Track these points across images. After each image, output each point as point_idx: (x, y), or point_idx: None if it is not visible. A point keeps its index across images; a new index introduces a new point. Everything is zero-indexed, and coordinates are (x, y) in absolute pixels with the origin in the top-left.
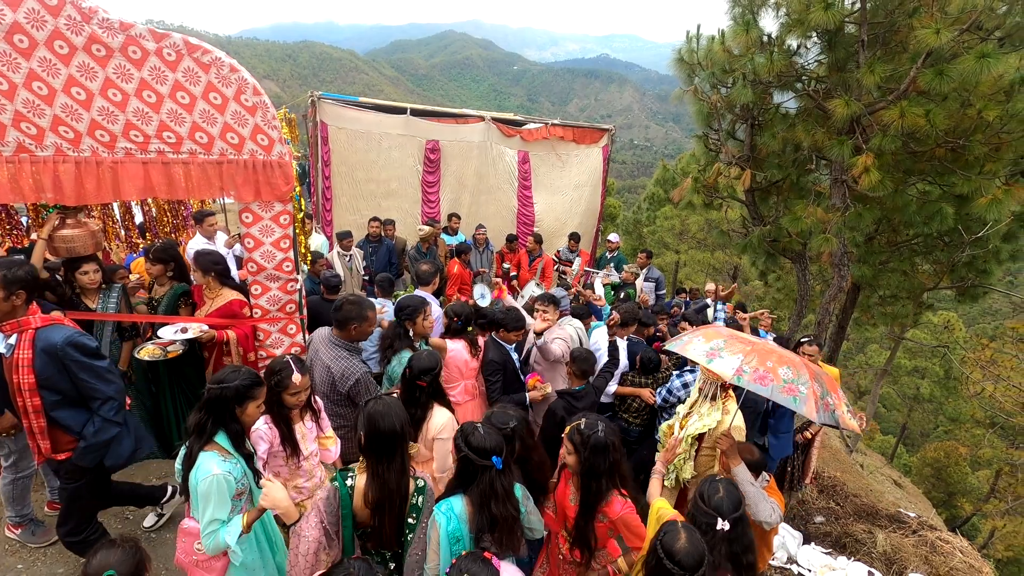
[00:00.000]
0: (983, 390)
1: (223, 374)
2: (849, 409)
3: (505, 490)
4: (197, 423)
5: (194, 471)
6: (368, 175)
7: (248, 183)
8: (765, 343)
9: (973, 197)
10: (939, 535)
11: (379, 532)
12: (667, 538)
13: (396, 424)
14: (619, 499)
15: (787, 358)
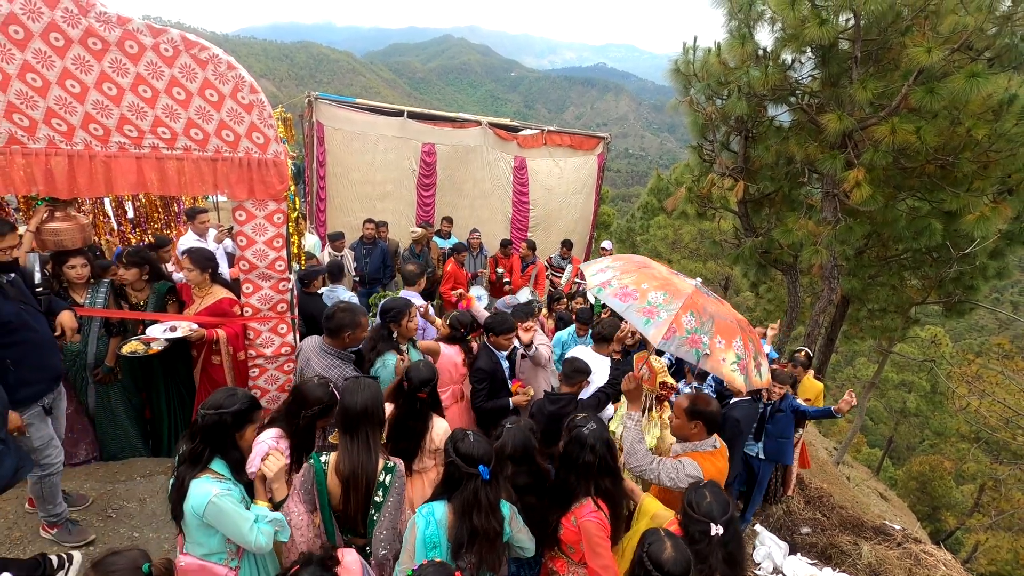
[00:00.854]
0: (968, 405)
1: (218, 398)
2: (754, 364)
3: (490, 502)
4: (192, 451)
5: (187, 502)
6: (363, 176)
7: (242, 181)
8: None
9: (961, 214)
10: (923, 548)
11: (345, 512)
12: (653, 548)
13: (365, 403)
14: (591, 506)
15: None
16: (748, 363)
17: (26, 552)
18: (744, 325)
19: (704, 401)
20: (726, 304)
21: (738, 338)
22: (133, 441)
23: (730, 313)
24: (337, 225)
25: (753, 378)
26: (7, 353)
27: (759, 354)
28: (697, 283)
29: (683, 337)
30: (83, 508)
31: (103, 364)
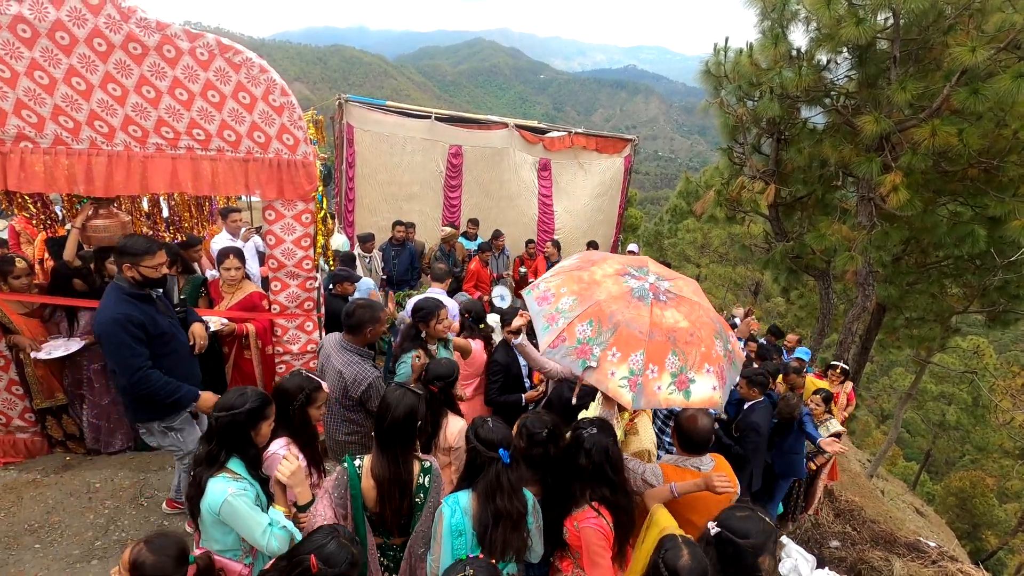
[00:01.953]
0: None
1: (229, 399)
2: (672, 384)
3: (511, 485)
4: (208, 453)
5: (204, 500)
6: (391, 178)
7: (272, 181)
8: (690, 315)
9: (1006, 220)
10: (960, 567)
11: (383, 516)
12: (669, 555)
13: (404, 412)
14: (591, 513)
15: (706, 322)
16: (649, 380)
17: (64, 536)
18: (676, 335)
19: (686, 417)
20: (697, 306)
21: (639, 352)
22: None
23: (663, 322)
24: (365, 225)
25: (657, 396)
26: (162, 362)
27: (692, 368)
28: (643, 285)
29: (571, 347)
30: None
31: None
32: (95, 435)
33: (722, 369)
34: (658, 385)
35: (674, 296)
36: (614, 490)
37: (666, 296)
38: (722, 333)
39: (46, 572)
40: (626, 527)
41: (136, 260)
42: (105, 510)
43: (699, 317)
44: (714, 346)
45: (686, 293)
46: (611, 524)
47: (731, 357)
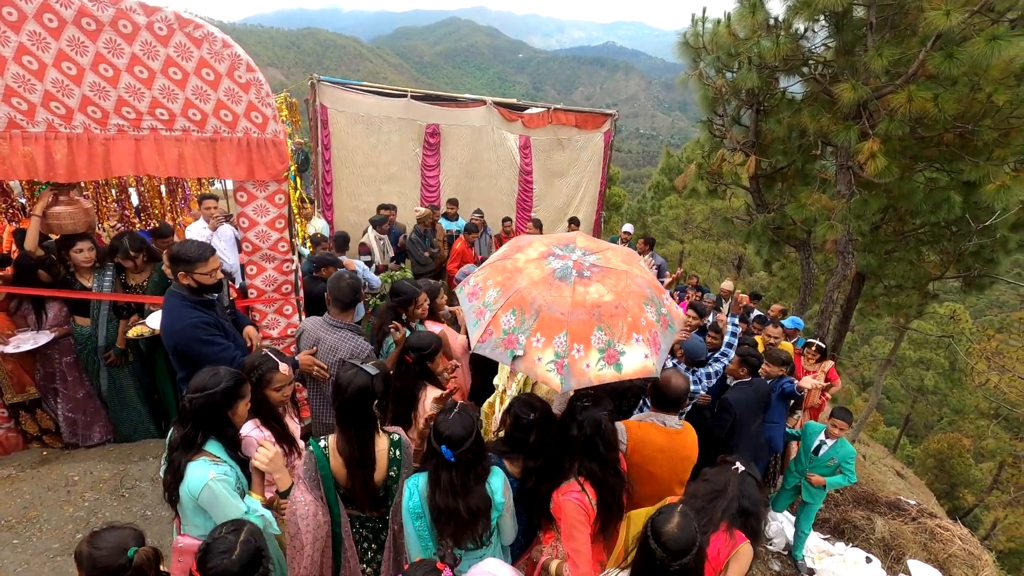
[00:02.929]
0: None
1: (203, 380)
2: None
3: (453, 485)
4: (184, 437)
5: (184, 485)
6: (368, 159)
7: (242, 161)
8: (617, 286)
9: (981, 184)
10: (939, 523)
11: (354, 492)
12: (659, 518)
13: (355, 391)
14: (575, 487)
15: (635, 290)
16: (575, 360)
17: (43, 531)
18: (601, 310)
19: (662, 376)
20: (625, 275)
21: (562, 333)
22: (146, 423)
23: (586, 299)
24: (344, 209)
25: (587, 374)
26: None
27: (620, 340)
28: (566, 264)
29: (499, 339)
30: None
31: (114, 347)
32: (72, 429)
33: (655, 335)
34: (586, 363)
35: (600, 269)
36: (603, 466)
37: (590, 271)
38: (654, 299)
39: (26, 567)
40: (611, 507)
41: (191, 268)
42: (85, 503)
43: (626, 287)
44: (644, 313)
45: (614, 264)
46: (594, 501)
47: (666, 321)
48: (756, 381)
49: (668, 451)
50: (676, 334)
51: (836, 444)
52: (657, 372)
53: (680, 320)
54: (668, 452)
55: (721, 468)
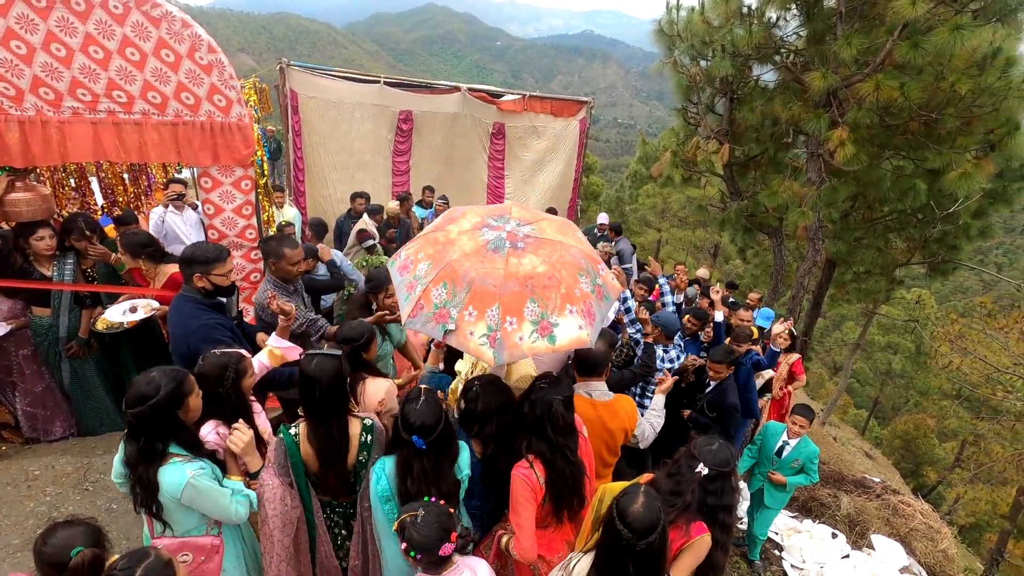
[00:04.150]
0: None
1: (139, 390)
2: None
3: (424, 472)
4: (141, 451)
5: (162, 492)
6: (341, 146)
7: (206, 146)
8: (551, 257)
9: (945, 171)
10: (901, 499)
11: (326, 480)
12: (624, 499)
13: (330, 378)
14: (524, 463)
15: (568, 260)
16: (508, 332)
17: (2, 526)
18: (534, 282)
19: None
20: (559, 245)
21: (495, 306)
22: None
23: (519, 271)
24: (318, 197)
25: (520, 347)
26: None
27: (554, 312)
28: (500, 235)
29: (429, 313)
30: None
31: (76, 337)
32: (31, 424)
33: (589, 306)
34: (519, 336)
35: (534, 240)
36: (552, 448)
37: (524, 242)
38: (588, 269)
39: None
40: (561, 489)
41: (207, 269)
42: (46, 497)
43: (560, 257)
44: (578, 284)
45: (548, 234)
46: (542, 479)
47: (601, 292)
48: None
49: (594, 422)
50: (612, 303)
51: (799, 444)
52: (591, 343)
53: (615, 290)
54: (595, 423)
55: (688, 463)
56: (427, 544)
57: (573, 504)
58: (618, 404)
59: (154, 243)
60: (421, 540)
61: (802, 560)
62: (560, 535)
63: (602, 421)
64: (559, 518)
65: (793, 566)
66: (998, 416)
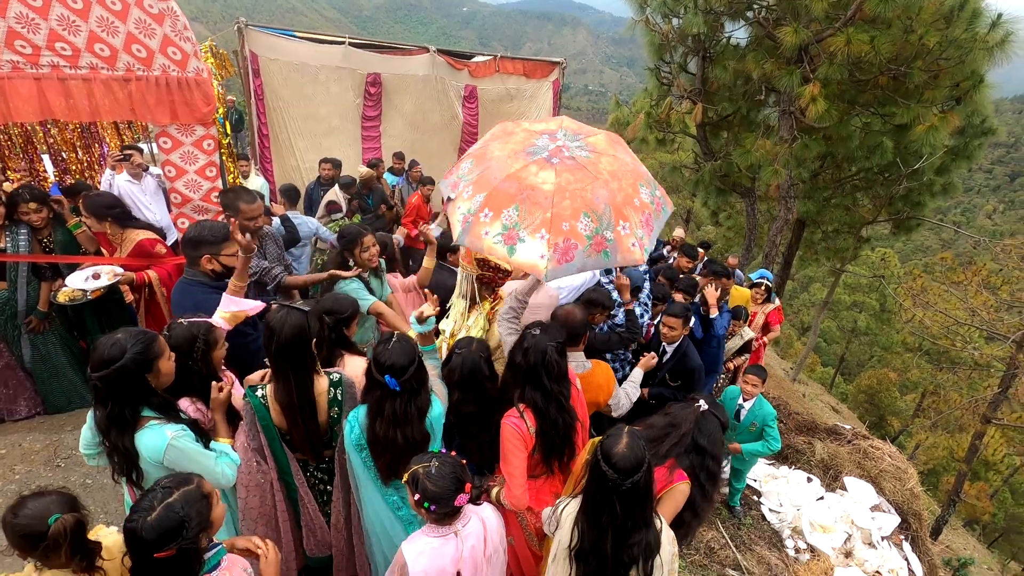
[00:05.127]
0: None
1: (102, 353)
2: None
3: (396, 414)
4: (109, 418)
5: (143, 458)
6: (307, 111)
7: (162, 103)
8: (567, 174)
9: (912, 125)
10: (871, 443)
11: (295, 439)
12: (608, 440)
13: (290, 332)
14: (514, 412)
15: (586, 198)
16: (479, 222)
17: None
18: (530, 194)
19: (564, 311)
20: (596, 180)
21: (482, 194)
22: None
23: (527, 178)
24: (285, 166)
25: (481, 240)
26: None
27: (526, 228)
28: (545, 146)
29: (451, 180)
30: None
31: (36, 311)
32: None
33: (568, 246)
34: (486, 230)
35: (574, 163)
36: (546, 396)
37: (559, 159)
38: (601, 218)
39: None
40: (552, 439)
41: (217, 250)
42: (16, 475)
43: (578, 189)
44: (572, 221)
45: (600, 166)
46: (532, 429)
47: (603, 245)
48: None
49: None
50: (610, 263)
51: (754, 405)
52: (544, 277)
53: (627, 260)
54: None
55: (684, 404)
56: (443, 495)
57: (564, 454)
58: (596, 376)
59: (120, 204)
60: (436, 491)
61: (780, 504)
62: (549, 486)
63: (578, 391)
64: (549, 468)
65: (771, 510)
66: (956, 367)
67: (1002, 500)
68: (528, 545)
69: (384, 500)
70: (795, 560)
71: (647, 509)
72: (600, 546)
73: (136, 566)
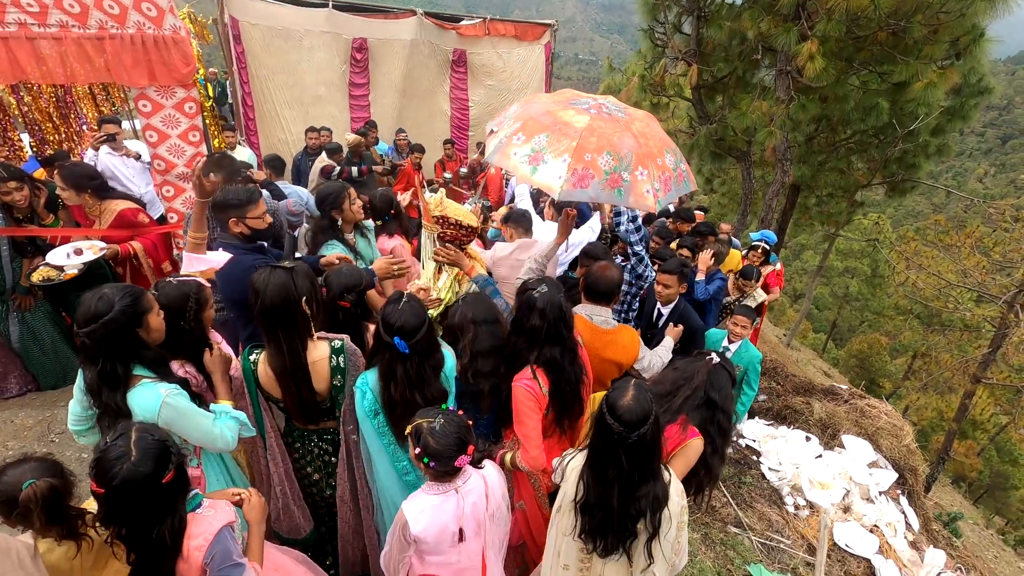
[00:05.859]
0: (907, 279)
1: (88, 308)
2: (658, 184)
3: (408, 377)
4: (101, 376)
5: (136, 418)
6: (292, 79)
7: (139, 64)
8: (600, 121)
9: (910, 83)
10: (868, 402)
11: (288, 405)
12: (614, 394)
13: (275, 293)
14: (527, 373)
15: (612, 141)
16: (511, 142)
17: None
18: (562, 127)
19: (599, 267)
20: (628, 131)
21: (517, 122)
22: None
23: (563, 116)
24: (272, 136)
25: (509, 159)
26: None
27: (552, 152)
28: (587, 102)
29: (496, 121)
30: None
31: (18, 286)
32: None
33: (588, 175)
34: (515, 151)
35: (609, 116)
36: (563, 350)
37: (597, 111)
38: (625, 160)
39: None
40: (566, 396)
41: (241, 212)
42: (8, 452)
43: (607, 132)
44: (596, 155)
45: (632, 124)
46: (546, 389)
47: (618, 183)
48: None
49: (588, 347)
50: (622, 202)
51: (740, 348)
52: (558, 196)
53: (639, 205)
54: (588, 348)
55: (694, 359)
56: (444, 453)
57: (575, 410)
58: (620, 335)
59: (99, 176)
60: (438, 448)
61: (779, 463)
62: (561, 446)
63: (595, 349)
64: (561, 428)
65: (771, 468)
66: (946, 329)
67: (988, 458)
68: (540, 506)
69: (394, 467)
70: (795, 516)
71: (654, 462)
72: (606, 500)
73: (136, 514)
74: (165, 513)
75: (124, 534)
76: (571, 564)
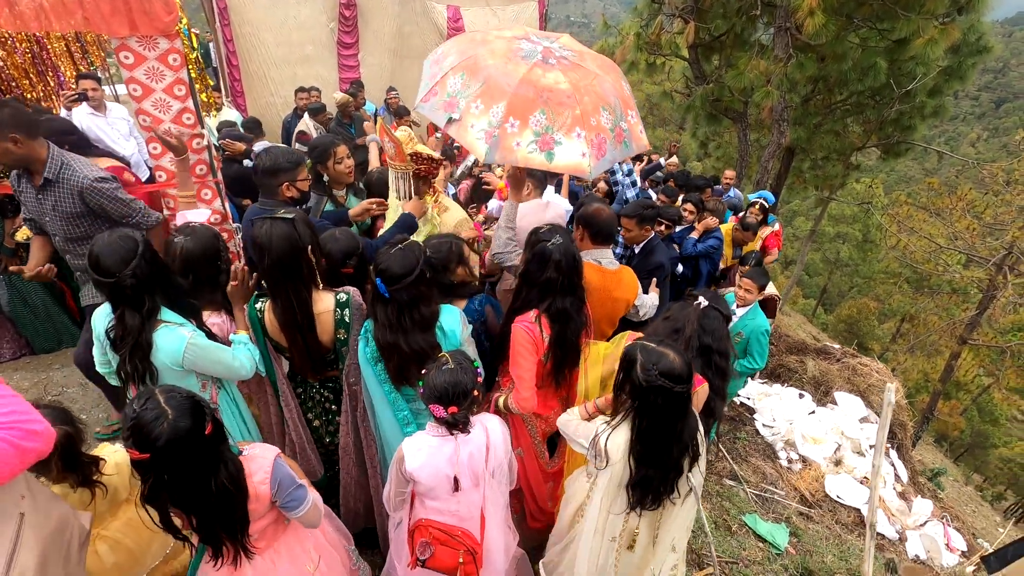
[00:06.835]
0: (899, 243)
1: (112, 256)
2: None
3: (389, 320)
4: (137, 306)
5: (158, 358)
6: (278, 38)
7: (117, 12)
8: (573, 73)
9: (911, 39)
10: (859, 360)
11: (293, 355)
12: (663, 362)
13: (280, 244)
14: (529, 317)
15: (598, 92)
16: (507, 134)
17: None
18: (551, 95)
19: (592, 210)
20: (594, 76)
21: (501, 103)
22: (70, 329)
23: (539, 81)
24: (258, 97)
25: (515, 152)
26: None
27: (560, 130)
28: (535, 48)
29: (441, 100)
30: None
31: (2, 247)
32: None
33: (601, 140)
34: (517, 141)
35: (569, 63)
36: (575, 299)
37: (557, 60)
38: (615, 108)
39: None
40: (565, 345)
41: (293, 176)
42: None
43: (589, 84)
44: (598, 116)
45: (587, 65)
46: (546, 335)
47: (622, 135)
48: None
49: (601, 290)
50: (630, 151)
51: (747, 314)
52: (590, 174)
53: (639, 144)
54: (601, 291)
55: (683, 304)
56: (432, 393)
57: (571, 361)
58: (624, 273)
59: (77, 131)
60: (431, 385)
61: (773, 419)
62: (558, 396)
63: (608, 290)
64: (558, 380)
65: (765, 425)
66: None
67: (970, 418)
68: (536, 456)
69: (395, 417)
70: (788, 469)
71: (690, 400)
72: (663, 458)
73: (189, 471)
74: (216, 464)
75: (183, 497)
76: (616, 534)
